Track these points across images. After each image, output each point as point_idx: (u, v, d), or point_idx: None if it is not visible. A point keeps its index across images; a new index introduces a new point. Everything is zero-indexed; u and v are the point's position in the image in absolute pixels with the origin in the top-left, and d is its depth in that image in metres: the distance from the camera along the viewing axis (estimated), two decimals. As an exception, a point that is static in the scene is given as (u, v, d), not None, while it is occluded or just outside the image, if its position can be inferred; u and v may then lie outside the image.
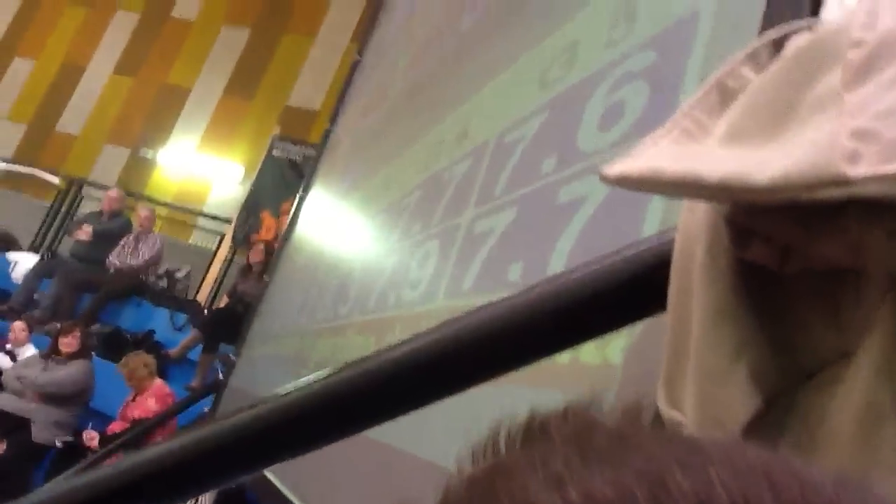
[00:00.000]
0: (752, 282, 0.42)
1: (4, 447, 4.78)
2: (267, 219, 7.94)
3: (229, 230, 8.35)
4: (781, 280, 0.40)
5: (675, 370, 0.50)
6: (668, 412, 0.50)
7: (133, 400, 5.14)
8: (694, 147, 0.46)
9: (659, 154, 0.46)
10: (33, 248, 8.45)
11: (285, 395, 0.71)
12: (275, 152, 8.28)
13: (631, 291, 0.58)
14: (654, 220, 0.87)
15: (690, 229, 0.50)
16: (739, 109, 0.44)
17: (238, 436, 0.69)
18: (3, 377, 5.47)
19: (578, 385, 0.87)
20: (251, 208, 8.14)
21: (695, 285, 0.47)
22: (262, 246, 6.40)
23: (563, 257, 1.03)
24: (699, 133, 0.47)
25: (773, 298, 0.41)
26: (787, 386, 0.40)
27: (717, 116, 0.47)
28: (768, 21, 0.81)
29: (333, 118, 4.07)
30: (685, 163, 0.42)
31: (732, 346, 0.42)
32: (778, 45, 0.48)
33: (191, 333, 6.17)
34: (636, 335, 0.80)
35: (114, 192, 7.31)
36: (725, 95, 0.48)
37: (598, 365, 0.85)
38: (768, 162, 0.36)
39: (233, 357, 3.82)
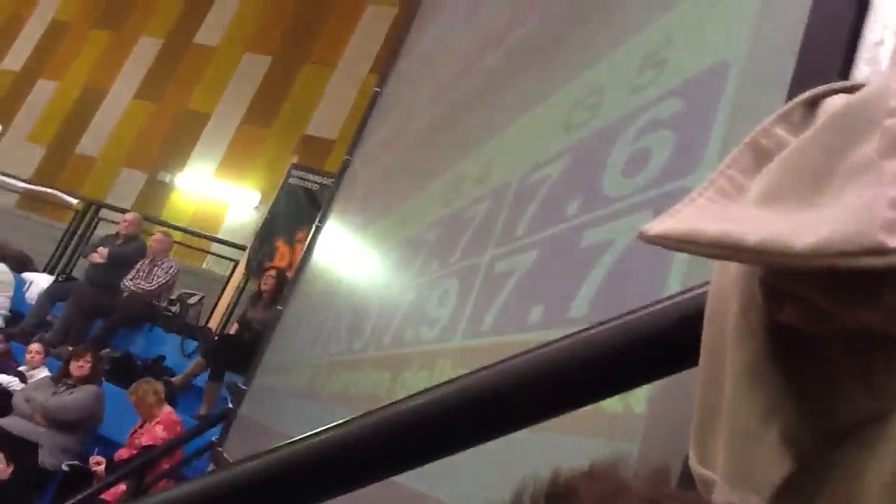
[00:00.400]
0: (784, 342, 0.42)
1: (11, 470, 4.75)
2: (281, 247, 7.96)
3: (243, 257, 8.37)
4: (814, 339, 0.40)
5: (707, 429, 0.50)
6: (699, 471, 0.49)
7: (141, 427, 5.12)
8: (731, 207, 0.46)
9: (696, 213, 0.46)
10: (48, 270, 8.49)
11: (309, 437, 0.71)
12: (291, 180, 8.32)
13: (660, 346, 0.58)
14: (679, 269, 0.87)
15: (723, 287, 0.50)
16: (775, 171, 0.44)
17: (261, 480, 0.68)
18: (13, 399, 5.47)
19: (600, 433, 0.87)
20: (266, 236, 8.17)
21: (727, 344, 0.47)
22: (273, 273, 6.39)
23: (585, 302, 1.03)
24: (735, 192, 0.47)
25: (806, 358, 0.41)
26: (818, 446, 0.40)
27: (752, 176, 0.47)
28: (799, 75, 0.82)
29: (351, 149, 4.10)
30: (722, 224, 0.42)
31: (764, 407, 0.42)
32: (811, 106, 0.48)
33: (195, 360, 6.17)
34: (660, 385, 0.79)
35: (130, 216, 7.35)
36: (759, 155, 0.48)
37: (620, 413, 0.85)
38: (806, 227, 0.36)
39: (242, 386, 3.81)
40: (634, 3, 1.40)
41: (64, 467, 4.95)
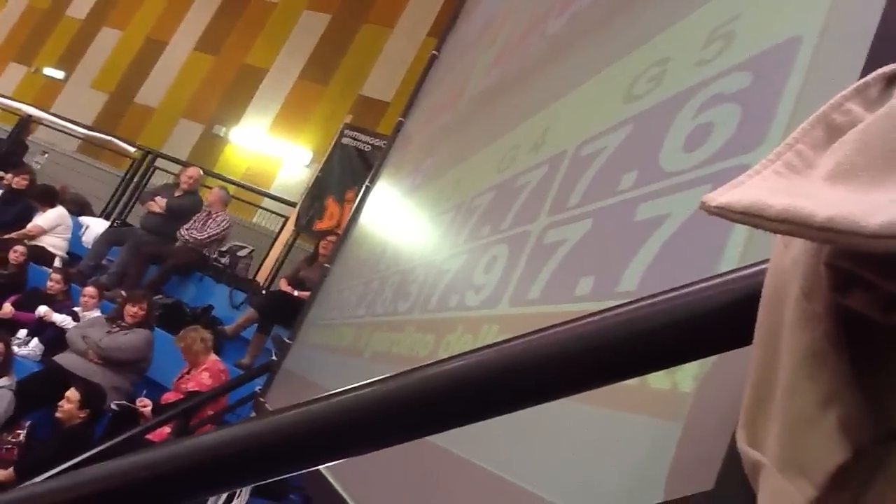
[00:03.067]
0: (850, 328, 0.41)
1: (85, 414, 4.92)
2: (331, 205, 8.03)
3: (293, 214, 8.47)
4: (881, 329, 0.39)
5: (758, 410, 0.49)
6: (748, 452, 0.48)
7: (188, 373, 5.26)
8: (798, 181, 0.45)
9: (761, 185, 0.45)
10: (104, 215, 8.72)
11: (347, 391, 0.71)
12: (344, 140, 8.37)
13: (714, 323, 0.57)
14: (735, 247, 0.85)
15: (784, 266, 0.49)
16: (849, 147, 0.43)
17: (296, 430, 0.69)
18: (67, 335, 5.66)
19: (646, 409, 0.86)
20: (316, 193, 8.25)
21: (786, 326, 0.46)
22: (334, 238, 6.51)
23: (636, 276, 1.01)
24: (803, 167, 0.46)
25: (871, 347, 0.40)
26: (877, 439, 0.39)
27: (822, 151, 0.45)
28: (875, 53, 0.79)
29: (406, 111, 4.09)
30: (790, 198, 0.41)
31: (823, 393, 0.41)
32: (890, 82, 0.46)
33: (247, 312, 6.29)
34: (710, 364, 0.78)
35: (193, 171, 7.51)
36: (832, 130, 0.46)
37: (667, 390, 0.84)
38: (879, 207, 0.35)
39: (287, 340, 3.88)
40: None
41: (113, 406, 5.12)
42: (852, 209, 0.36)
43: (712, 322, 0.58)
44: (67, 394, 4.86)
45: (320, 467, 0.78)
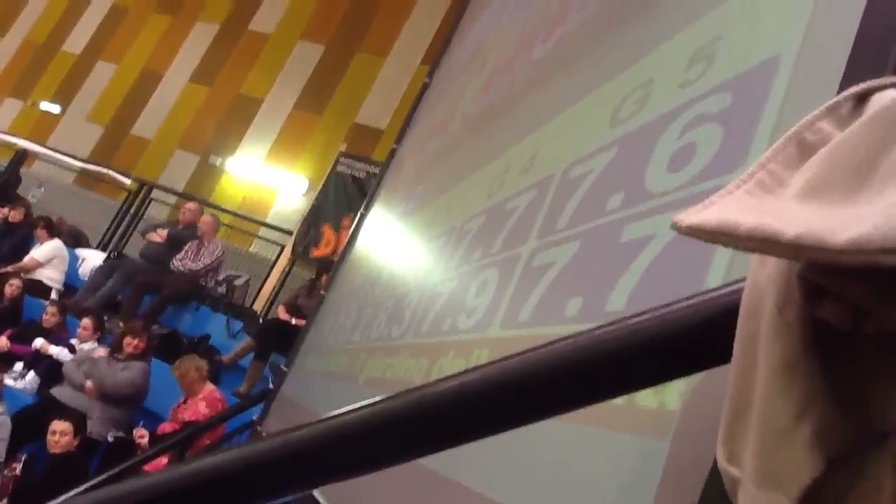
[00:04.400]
0: (821, 339, 0.41)
1: (77, 443, 4.90)
2: (327, 232, 8.05)
3: (290, 241, 8.48)
4: (852, 339, 0.40)
5: (736, 426, 0.49)
6: (726, 469, 0.49)
7: (184, 402, 5.23)
8: (769, 200, 0.45)
9: (732, 205, 0.46)
10: (101, 246, 8.72)
11: (339, 415, 0.72)
12: (339, 168, 8.41)
13: (695, 341, 0.57)
14: (719, 266, 0.86)
15: (760, 282, 0.49)
16: (818, 165, 0.43)
17: (290, 453, 0.70)
18: (63, 368, 5.64)
19: (632, 428, 0.86)
20: (312, 221, 8.27)
21: (762, 339, 0.46)
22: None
23: (623, 296, 1.02)
24: (775, 186, 0.46)
25: (844, 357, 0.40)
26: (852, 448, 0.39)
27: (793, 170, 0.46)
28: (850, 71, 0.80)
29: (399, 138, 4.11)
30: (760, 217, 0.41)
31: (798, 404, 0.41)
32: (860, 100, 0.47)
33: (244, 341, 6.28)
34: (696, 383, 0.78)
35: (193, 205, 7.61)
36: (803, 149, 0.47)
37: (653, 409, 0.84)
38: (846, 222, 0.35)
39: (283, 367, 3.86)
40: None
41: (109, 438, 5.09)
42: (820, 226, 0.36)
43: (693, 340, 0.58)
44: (57, 427, 4.81)
45: (313, 491, 0.78)
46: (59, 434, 4.81)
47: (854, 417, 0.39)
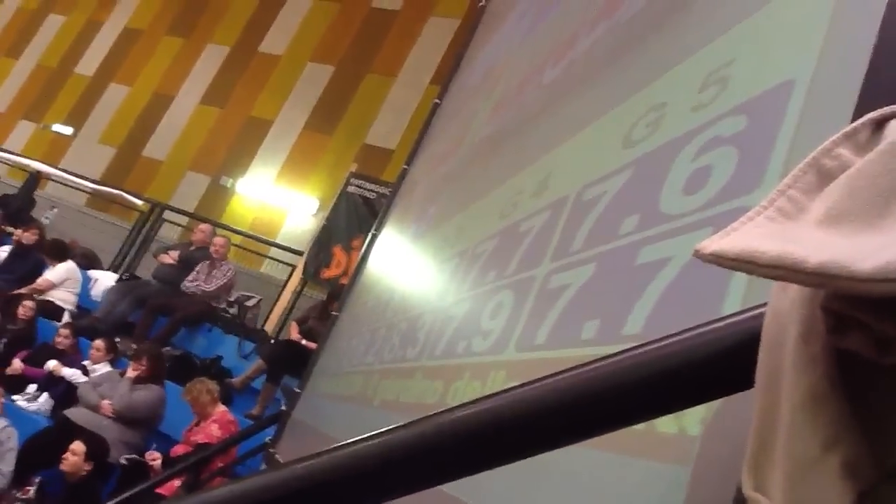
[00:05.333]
0: (848, 369, 0.41)
1: (90, 467, 4.91)
2: (338, 253, 8.06)
3: (300, 262, 8.50)
4: (879, 369, 0.40)
5: (762, 455, 0.49)
6: (753, 497, 0.48)
7: (197, 425, 5.23)
8: (791, 227, 0.45)
9: (754, 232, 0.46)
10: (113, 268, 8.76)
11: (356, 442, 0.72)
12: (350, 188, 8.43)
13: (717, 367, 0.58)
14: (737, 289, 0.86)
15: (782, 310, 0.49)
16: (839, 192, 0.43)
17: (310, 482, 0.70)
18: (78, 391, 5.65)
19: (653, 454, 0.86)
20: (323, 242, 8.28)
21: (786, 370, 0.46)
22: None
23: (640, 320, 1.02)
24: (796, 212, 0.46)
25: (871, 387, 0.40)
26: (880, 479, 0.39)
27: (813, 196, 0.46)
28: (865, 95, 0.80)
29: (410, 159, 4.13)
30: (782, 244, 0.41)
31: (825, 435, 0.41)
32: (878, 126, 0.47)
33: (255, 363, 6.28)
34: (716, 408, 0.78)
35: (206, 227, 7.68)
36: (823, 175, 0.47)
37: (674, 435, 0.84)
38: (871, 251, 0.36)
39: (296, 389, 3.86)
40: (695, 21, 1.39)
41: (122, 461, 5.09)
42: (843, 254, 0.37)
43: (715, 366, 0.58)
44: (72, 446, 4.84)
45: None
46: (71, 453, 4.82)
47: (882, 448, 0.39)
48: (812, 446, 0.42)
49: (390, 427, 0.69)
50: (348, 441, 0.70)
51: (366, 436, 0.69)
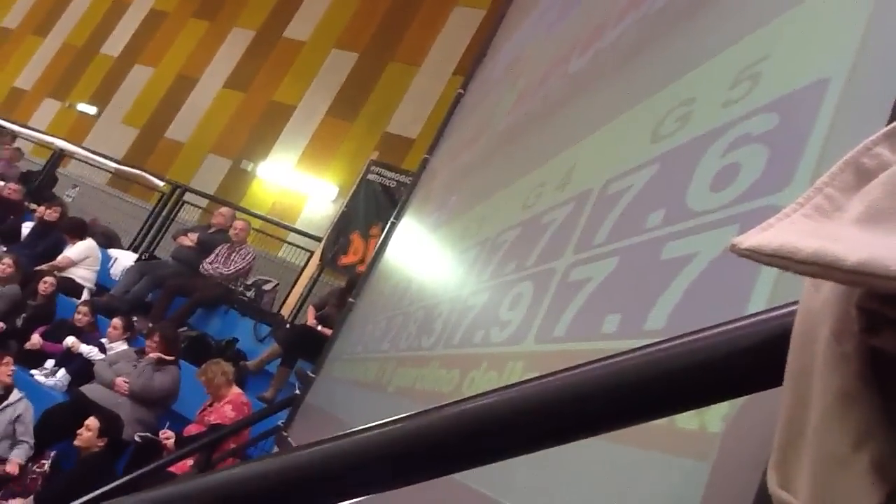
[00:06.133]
0: (881, 369, 0.41)
1: (104, 443, 4.97)
2: (356, 240, 8.08)
3: (318, 248, 8.53)
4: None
5: (790, 451, 0.49)
6: (779, 495, 0.48)
7: (210, 405, 5.27)
8: (828, 224, 0.45)
9: (791, 229, 0.45)
10: (133, 248, 8.83)
11: (370, 428, 0.72)
12: (370, 176, 8.44)
13: (744, 364, 0.57)
14: (764, 288, 0.85)
15: (814, 308, 0.49)
16: (878, 191, 0.43)
17: (320, 467, 0.70)
18: (95, 367, 5.71)
19: (674, 449, 0.85)
20: (342, 228, 8.31)
21: (817, 367, 0.46)
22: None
23: (663, 315, 1.01)
24: (833, 210, 0.46)
25: (901, 386, 0.40)
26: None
27: (851, 195, 0.46)
28: (903, 96, 0.79)
29: (431, 148, 4.13)
30: (820, 241, 0.41)
31: (856, 434, 0.41)
32: (919, 128, 0.47)
33: (270, 347, 6.31)
34: (740, 405, 0.78)
35: (226, 210, 7.70)
36: (861, 174, 0.46)
37: (694, 430, 0.83)
38: (908, 251, 0.35)
39: (310, 374, 3.88)
40: (728, 14, 1.38)
41: (136, 438, 5.14)
42: (883, 253, 0.36)
43: (742, 363, 0.58)
44: (87, 422, 4.91)
45: None
46: (85, 429, 4.89)
47: (914, 448, 0.39)
48: (842, 445, 0.42)
49: (399, 416, 0.69)
50: (354, 430, 0.70)
51: (375, 423, 0.69)
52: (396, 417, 0.68)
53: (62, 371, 5.95)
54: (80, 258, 7.41)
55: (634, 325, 1.07)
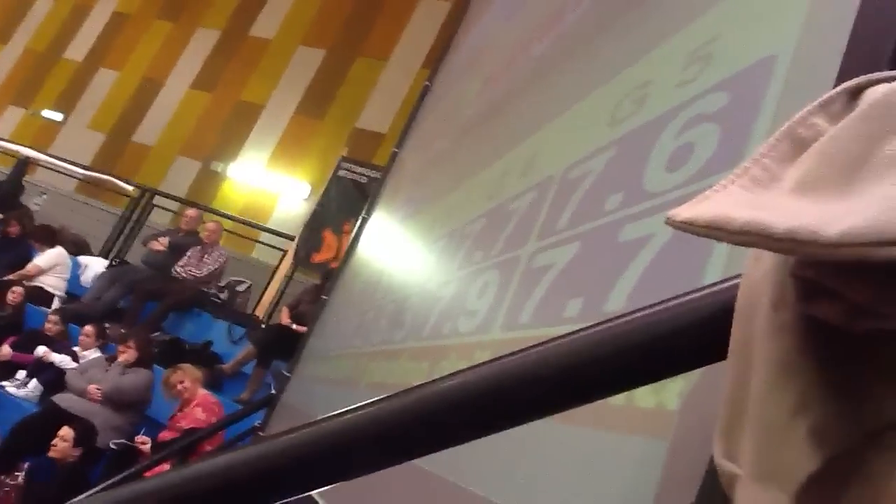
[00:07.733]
0: (817, 337, 0.41)
1: (79, 453, 4.92)
2: (329, 237, 8.05)
3: (291, 247, 8.48)
4: (849, 336, 0.39)
5: (733, 422, 0.49)
6: (723, 465, 0.48)
7: (181, 410, 5.23)
8: (763, 195, 0.45)
9: (727, 200, 0.45)
10: (103, 254, 8.72)
11: (337, 416, 0.72)
12: (341, 172, 8.41)
13: (691, 338, 0.57)
14: (717, 264, 0.86)
15: (755, 279, 0.49)
16: (812, 159, 0.43)
17: (290, 455, 0.70)
18: (66, 376, 5.64)
19: (632, 428, 0.86)
20: (314, 226, 8.27)
21: (757, 337, 0.46)
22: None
23: (623, 296, 1.02)
24: (769, 181, 0.46)
25: (839, 355, 0.40)
26: (849, 445, 0.39)
27: (787, 165, 0.46)
28: (846, 70, 0.80)
29: (400, 142, 4.12)
30: (753, 211, 0.41)
31: (794, 401, 0.41)
32: (853, 96, 0.47)
33: (245, 349, 6.27)
34: (694, 381, 0.78)
35: (192, 212, 7.64)
36: (797, 144, 0.47)
37: (652, 409, 0.84)
38: (839, 216, 0.35)
39: (286, 373, 3.86)
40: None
41: (112, 445, 5.09)
42: (812, 220, 0.36)
43: (689, 337, 0.58)
44: (61, 432, 4.85)
45: (313, 493, 0.78)
46: (60, 439, 4.83)
47: (850, 415, 0.39)
48: (781, 412, 0.42)
49: (358, 404, 0.69)
50: (324, 416, 0.70)
51: (335, 413, 0.69)
52: (340, 411, 0.69)
53: (34, 382, 5.86)
54: (50, 266, 7.31)
55: (596, 307, 1.08)
